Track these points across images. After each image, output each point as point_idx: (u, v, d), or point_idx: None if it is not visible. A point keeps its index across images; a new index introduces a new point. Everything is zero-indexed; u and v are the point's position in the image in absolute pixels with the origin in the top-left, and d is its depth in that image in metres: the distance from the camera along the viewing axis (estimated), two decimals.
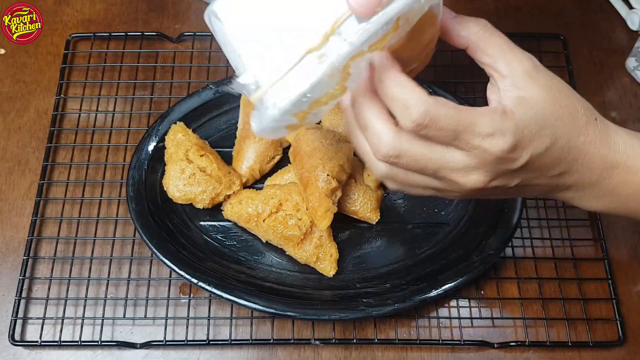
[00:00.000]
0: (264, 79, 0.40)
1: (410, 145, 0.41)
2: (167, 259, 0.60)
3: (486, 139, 0.41)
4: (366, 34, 0.38)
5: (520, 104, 0.42)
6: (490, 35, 0.44)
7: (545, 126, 0.42)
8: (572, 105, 0.44)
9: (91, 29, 0.78)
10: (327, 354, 0.60)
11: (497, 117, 0.41)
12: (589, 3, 0.80)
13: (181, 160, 0.63)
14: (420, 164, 0.42)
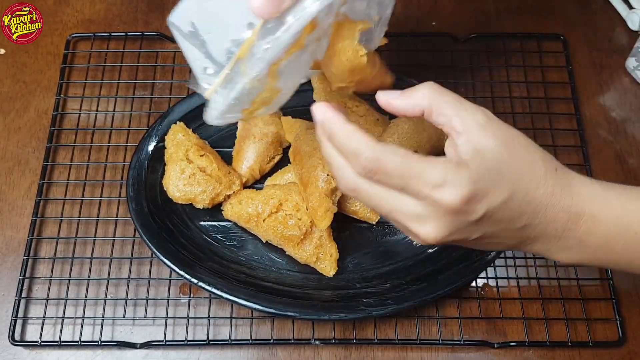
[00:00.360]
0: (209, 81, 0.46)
1: (367, 185, 0.43)
2: (167, 259, 0.60)
3: (436, 189, 0.40)
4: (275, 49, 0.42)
5: (476, 156, 0.42)
6: (440, 96, 0.44)
7: (501, 178, 0.42)
8: (529, 157, 0.44)
9: (91, 29, 0.78)
10: (327, 354, 0.60)
11: (449, 168, 0.41)
12: (589, 3, 0.80)
13: (181, 160, 0.63)
14: (374, 203, 0.43)
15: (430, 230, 0.42)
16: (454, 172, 0.41)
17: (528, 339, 0.60)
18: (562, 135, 0.70)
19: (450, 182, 0.40)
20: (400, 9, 0.79)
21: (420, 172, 0.40)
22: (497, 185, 0.42)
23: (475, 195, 0.41)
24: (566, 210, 0.44)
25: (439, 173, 0.40)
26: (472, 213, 0.41)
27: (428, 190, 0.41)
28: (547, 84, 0.73)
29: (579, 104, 0.72)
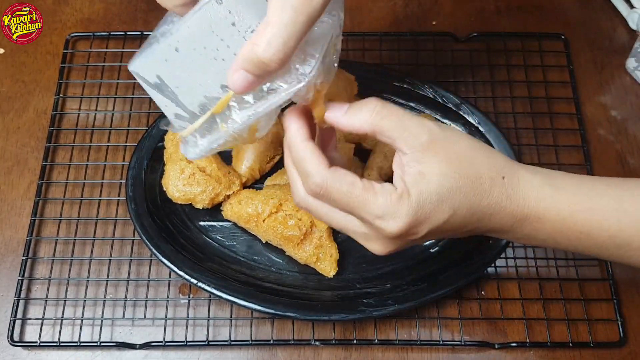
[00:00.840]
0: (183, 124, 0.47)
1: (317, 203, 0.46)
2: (167, 260, 0.59)
3: (377, 220, 0.43)
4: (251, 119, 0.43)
5: (418, 181, 0.43)
6: (382, 118, 0.44)
7: (443, 200, 0.44)
8: (474, 173, 0.45)
9: (90, 29, 0.77)
10: (327, 354, 0.60)
11: (390, 201, 0.43)
12: (590, 3, 0.79)
13: (180, 160, 0.63)
14: (324, 220, 0.46)
15: (377, 247, 0.46)
16: (395, 205, 0.43)
17: (529, 340, 0.60)
18: (563, 134, 0.70)
19: (391, 215, 0.43)
20: (401, 8, 0.79)
21: (364, 203, 0.43)
22: (438, 209, 0.44)
23: (415, 223, 0.43)
24: (511, 214, 0.46)
25: (380, 206, 0.43)
26: (415, 234, 0.44)
27: (371, 219, 0.43)
28: (547, 84, 0.73)
29: (579, 104, 0.72)
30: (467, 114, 0.67)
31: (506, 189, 0.45)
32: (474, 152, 0.45)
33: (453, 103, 0.67)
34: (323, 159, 0.44)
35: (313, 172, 0.43)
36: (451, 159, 0.44)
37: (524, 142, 0.69)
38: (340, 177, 0.43)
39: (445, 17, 0.78)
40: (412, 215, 0.43)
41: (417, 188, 0.43)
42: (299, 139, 0.44)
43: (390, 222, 0.43)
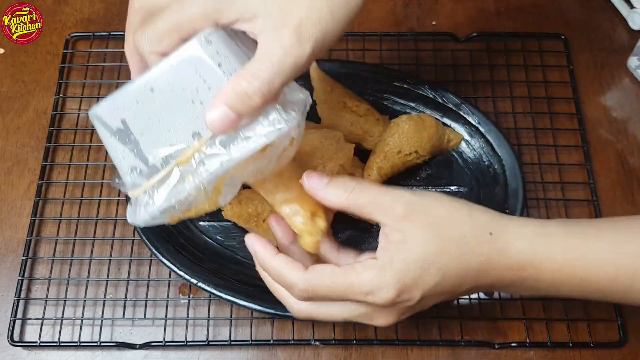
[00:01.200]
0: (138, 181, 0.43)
1: (315, 307, 0.47)
2: (167, 260, 0.59)
3: (368, 297, 0.44)
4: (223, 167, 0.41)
5: (401, 249, 0.44)
6: (359, 197, 0.46)
7: (428, 265, 0.44)
8: (457, 234, 0.45)
9: (90, 29, 0.77)
10: (327, 354, 0.60)
11: (374, 275, 0.44)
12: (590, 2, 0.79)
13: None
14: (329, 319, 0.47)
15: (382, 321, 0.47)
16: (379, 277, 0.44)
17: (529, 340, 0.60)
18: (563, 135, 0.70)
19: (378, 288, 0.44)
20: (401, 8, 0.79)
21: (350, 287, 0.44)
22: (425, 273, 0.44)
23: (404, 288, 0.44)
24: (508, 268, 0.46)
25: (366, 283, 0.44)
26: (410, 300, 0.45)
27: (362, 297, 0.44)
28: (548, 84, 0.73)
29: (580, 104, 0.72)
30: (467, 114, 0.67)
31: (495, 244, 0.46)
32: (455, 214, 0.46)
33: (453, 103, 0.67)
34: (297, 264, 0.46)
35: (295, 281, 0.45)
36: (431, 224, 0.45)
37: (524, 142, 0.69)
38: (319, 273, 0.45)
39: (445, 17, 0.78)
40: (398, 282, 0.44)
41: (400, 256, 0.44)
42: (269, 257, 0.47)
43: (379, 294, 0.44)
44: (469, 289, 0.47)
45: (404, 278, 0.44)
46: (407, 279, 0.44)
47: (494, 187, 0.64)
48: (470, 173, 0.66)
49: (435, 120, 0.65)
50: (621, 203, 0.67)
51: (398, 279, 0.44)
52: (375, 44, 0.75)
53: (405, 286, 0.44)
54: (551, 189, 0.67)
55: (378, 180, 0.63)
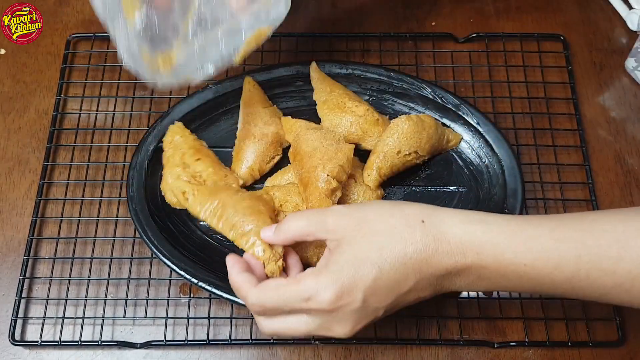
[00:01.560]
0: None
1: (271, 322, 0.49)
2: (167, 259, 0.60)
3: (310, 302, 0.45)
4: None
5: (334, 254, 0.46)
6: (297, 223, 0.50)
7: (361, 261, 0.45)
8: (385, 227, 0.46)
9: (91, 29, 0.78)
10: (327, 353, 0.60)
11: (310, 280, 0.46)
12: (588, 3, 0.80)
13: (176, 166, 0.63)
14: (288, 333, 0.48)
15: (338, 332, 0.47)
16: (315, 280, 0.45)
17: (528, 339, 0.60)
18: (562, 135, 0.70)
19: (316, 291, 0.45)
20: (400, 9, 0.79)
21: (293, 295, 0.46)
22: (360, 269, 0.45)
23: (343, 289, 0.45)
24: (447, 254, 0.46)
25: (306, 288, 0.46)
26: (353, 302, 0.45)
27: (306, 306, 0.46)
28: (547, 84, 0.73)
29: (578, 104, 0.72)
30: (466, 114, 0.67)
31: (430, 231, 0.46)
32: (383, 210, 0.47)
33: (452, 103, 0.67)
34: (252, 281, 0.48)
35: (246, 296, 0.48)
36: (359, 224, 0.47)
37: (522, 142, 0.70)
38: (265, 287, 0.47)
39: (444, 18, 0.79)
40: (334, 283, 0.45)
41: (333, 259, 0.46)
42: (234, 273, 0.50)
43: (318, 298, 0.45)
44: (416, 284, 0.46)
45: (339, 278, 0.45)
46: (343, 279, 0.45)
47: (493, 187, 0.64)
48: (469, 173, 0.66)
49: (435, 120, 0.65)
50: (620, 203, 0.67)
51: (334, 280, 0.45)
52: (375, 45, 0.75)
53: (343, 287, 0.45)
54: (550, 189, 0.67)
55: (377, 180, 0.63)
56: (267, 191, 0.61)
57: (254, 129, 0.66)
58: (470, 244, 0.46)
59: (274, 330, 0.49)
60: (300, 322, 0.47)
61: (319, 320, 0.47)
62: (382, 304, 0.46)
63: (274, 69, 0.70)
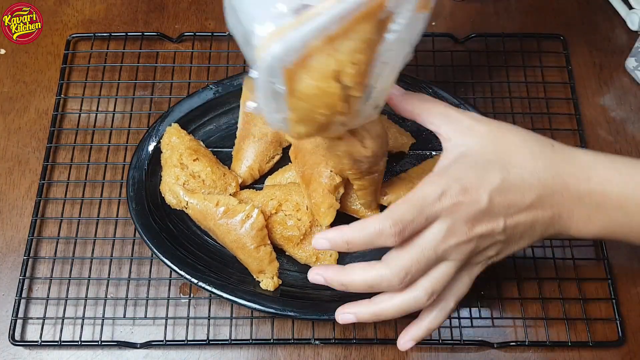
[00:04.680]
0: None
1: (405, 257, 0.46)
2: (167, 259, 0.60)
3: (442, 200, 0.44)
4: None
5: (459, 158, 0.46)
6: (431, 106, 0.49)
7: (490, 164, 0.45)
8: (519, 138, 0.47)
9: (91, 29, 0.78)
10: (327, 353, 0.60)
11: (436, 179, 0.45)
12: (588, 3, 0.80)
13: (174, 167, 0.63)
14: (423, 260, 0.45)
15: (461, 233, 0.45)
16: (442, 181, 0.45)
17: (528, 339, 0.60)
18: (562, 135, 0.70)
19: (445, 188, 0.44)
20: None
21: (422, 199, 0.44)
22: (488, 170, 0.45)
23: (470, 185, 0.44)
24: (573, 174, 0.46)
25: (433, 189, 0.44)
26: (479, 200, 0.44)
27: (438, 205, 0.44)
28: (546, 84, 0.73)
29: (578, 104, 0.72)
30: None
31: (558, 153, 0.47)
32: (518, 128, 0.48)
33: (452, 103, 0.67)
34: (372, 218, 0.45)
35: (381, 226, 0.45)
36: (492, 131, 0.47)
37: None
38: (393, 206, 0.45)
39: (444, 18, 0.79)
40: (459, 179, 0.44)
41: (460, 160, 0.46)
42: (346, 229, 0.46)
43: (446, 195, 0.44)
44: (537, 200, 0.45)
45: (465, 175, 0.45)
46: (469, 176, 0.45)
47: None
48: None
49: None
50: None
51: (459, 176, 0.45)
52: None
53: (468, 183, 0.44)
54: None
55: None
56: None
57: (254, 128, 0.66)
58: (596, 170, 0.46)
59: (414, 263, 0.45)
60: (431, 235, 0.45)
61: (447, 222, 0.45)
62: (503, 212, 0.45)
63: None
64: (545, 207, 0.46)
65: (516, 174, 0.45)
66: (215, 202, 0.60)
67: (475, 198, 0.44)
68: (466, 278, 0.49)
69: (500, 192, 0.45)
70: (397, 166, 0.67)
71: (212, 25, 0.78)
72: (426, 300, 0.47)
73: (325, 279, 0.49)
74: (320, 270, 0.49)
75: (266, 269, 0.60)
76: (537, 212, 0.46)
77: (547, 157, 0.46)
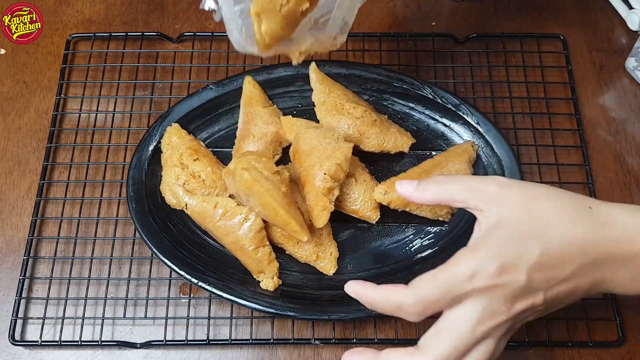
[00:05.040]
0: None
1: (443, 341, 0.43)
2: (167, 259, 0.60)
3: (473, 280, 0.42)
4: None
5: (493, 230, 0.44)
6: (450, 186, 0.48)
7: (526, 236, 0.43)
8: (554, 206, 0.44)
9: (91, 29, 0.78)
10: (327, 353, 0.60)
11: (469, 257, 0.43)
12: (588, 3, 0.80)
13: (175, 167, 0.63)
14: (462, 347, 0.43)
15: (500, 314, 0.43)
16: (475, 257, 0.42)
17: (528, 339, 0.60)
18: (562, 135, 0.70)
19: (479, 266, 0.42)
20: (400, 9, 0.79)
21: (452, 278, 0.42)
22: (525, 245, 0.43)
23: (507, 264, 0.42)
24: (616, 240, 0.44)
25: (465, 267, 0.42)
26: (518, 279, 0.42)
27: (470, 285, 0.42)
28: (546, 84, 0.73)
29: (578, 104, 0.72)
30: (466, 114, 0.67)
31: (598, 216, 0.44)
32: (550, 190, 0.45)
33: (452, 103, 0.67)
34: (397, 286, 0.44)
35: (401, 300, 0.43)
36: (526, 199, 0.44)
37: (522, 142, 0.70)
38: (419, 280, 0.43)
39: (444, 18, 0.79)
40: (498, 255, 0.42)
41: (494, 234, 0.43)
42: (371, 290, 0.45)
43: (484, 271, 0.42)
44: (578, 269, 0.43)
45: (502, 252, 0.42)
46: (507, 253, 0.42)
47: None
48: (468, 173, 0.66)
49: None
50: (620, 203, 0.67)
51: (497, 253, 0.42)
52: (375, 45, 0.75)
53: (506, 258, 0.42)
54: None
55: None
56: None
57: (254, 128, 0.66)
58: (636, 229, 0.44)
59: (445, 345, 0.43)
60: (466, 314, 0.42)
61: (483, 302, 0.42)
62: (544, 286, 0.43)
63: (274, 69, 0.70)
64: (587, 275, 0.44)
65: (555, 247, 0.43)
66: (214, 204, 0.60)
67: (513, 278, 0.42)
68: (502, 343, 0.46)
69: (540, 268, 0.43)
70: (397, 166, 0.67)
71: (212, 25, 0.78)
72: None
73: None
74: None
75: (266, 270, 0.60)
76: (579, 281, 0.44)
77: (586, 223, 0.44)
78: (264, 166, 0.57)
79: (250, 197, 0.56)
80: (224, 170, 0.62)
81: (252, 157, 0.57)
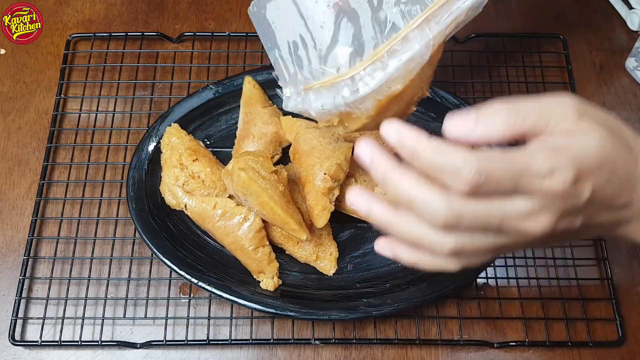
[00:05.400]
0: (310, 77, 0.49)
1: (468, 205, 0.38)
2: (167, 259, 0.60)
3: (547, 179, 0.38)
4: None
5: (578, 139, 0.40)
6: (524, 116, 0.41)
7: (605, 160, 0.40)
8: (625, 142, 0.43)
9: (91, 29, 0.78)
10: (327, 353, 0.60)
11: (552, 155, 0.39)
12: (588, 3, 0.80)
13: (174, 167, 0.63)
14: (482, 221, 0.39)
15: (543, 222, 0.39)
16: (557, 155, 0.38)
17: (528, 339, 0.60)
18: None
19: (557, 167, 0.38)
20: None
21: (526, 168, 0.38)
22: (601, 166, 0.40)
23: (581, 175, 0.39)
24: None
25: (544, 161, 0.38)
26: (581, 194, 0.40)
27: (539, 182, 0.38)
28: (546, 84, 0.73)
29: None
30: None
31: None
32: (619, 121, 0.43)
33: (452, 103, 0.67)
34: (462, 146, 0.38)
35: (465, 163, 0.37)
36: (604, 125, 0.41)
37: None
38: (490, 154, 0.37)
39: None
40: (576, 164, 0.39)
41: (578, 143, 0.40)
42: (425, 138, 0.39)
43: (559, 175, 0.38)
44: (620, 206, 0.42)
45: (582, 161, 0.39)
46: (585, 163, 0.39)
47: None
48: None
49: None
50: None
51: (576, 160, 0.39)
52: None
53: (582, 170, 0.39)
54: None
55: None
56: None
57: (253, 128, 0.66)
58: None
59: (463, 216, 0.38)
60: (509, 206, 0.39)
61: (536, 206, 0.39)
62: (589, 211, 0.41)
63: (274, 69, 0.70)
64: (625, 213, 0.43)
65: (619, 176, 0.41)
66: (213, 205, 0.60)
67: (579, 190, 0.39)
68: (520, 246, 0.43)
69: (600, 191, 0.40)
70: None
71: (212, 25, 0.78)
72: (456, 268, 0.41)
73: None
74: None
75: (266, 270, 0.60)
76: (618, 215, 0.43)
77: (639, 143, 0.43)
78: (262, 166, 0.57)
79: (249, 197, 0.56)
80: (222, 170, 0.62)
81: (249, 157, 0.58)
